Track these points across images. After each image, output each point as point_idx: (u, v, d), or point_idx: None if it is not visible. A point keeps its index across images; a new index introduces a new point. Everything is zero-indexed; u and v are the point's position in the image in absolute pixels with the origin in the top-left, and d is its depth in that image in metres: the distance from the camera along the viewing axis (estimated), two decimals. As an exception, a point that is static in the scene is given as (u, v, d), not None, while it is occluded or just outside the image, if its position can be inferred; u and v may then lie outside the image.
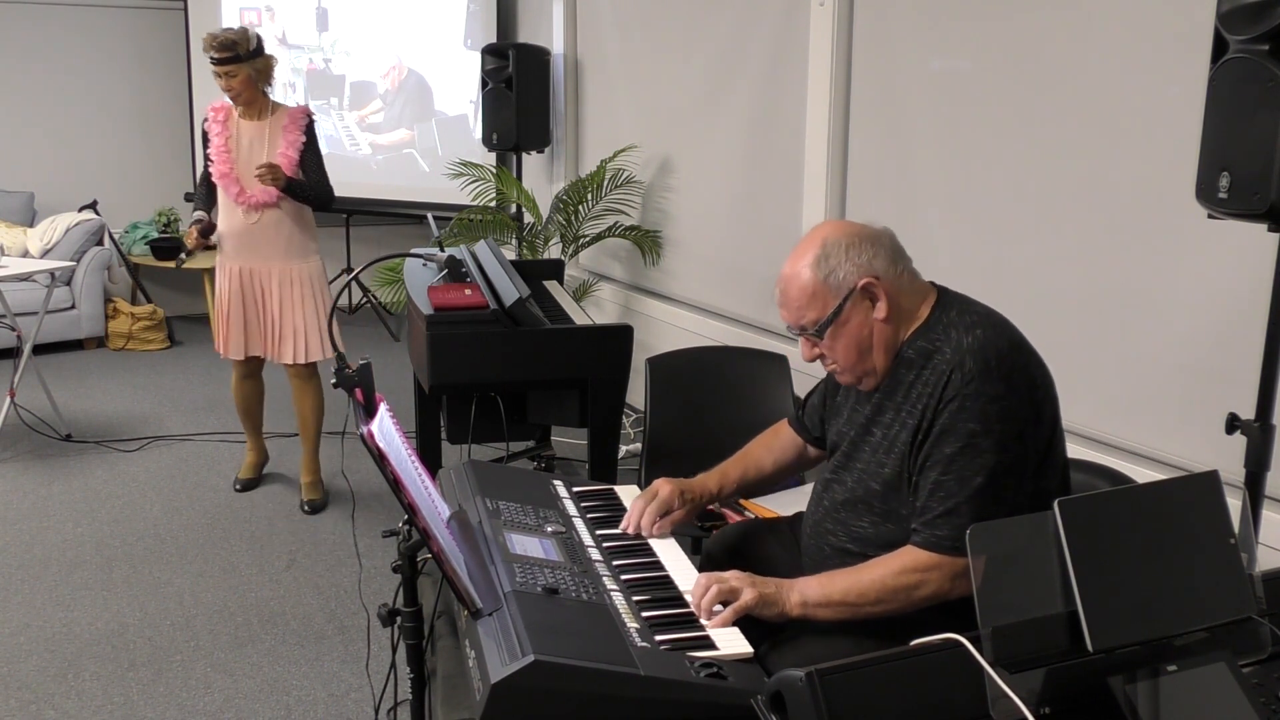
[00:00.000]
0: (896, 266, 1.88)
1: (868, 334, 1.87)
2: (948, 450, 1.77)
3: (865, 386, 1.95)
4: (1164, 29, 2.82)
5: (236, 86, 3.90)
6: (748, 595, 1.78)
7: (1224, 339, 2.71)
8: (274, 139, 3.98)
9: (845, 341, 1.88)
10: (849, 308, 1.86)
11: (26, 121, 6.95)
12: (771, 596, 1.80)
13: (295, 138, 3.98)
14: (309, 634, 3.32)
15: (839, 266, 1.85)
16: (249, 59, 3.89)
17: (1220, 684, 1.28)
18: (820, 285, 1.85)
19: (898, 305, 1.87)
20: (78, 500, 4.31)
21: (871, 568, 1.82)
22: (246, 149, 3.97)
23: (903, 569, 1.78)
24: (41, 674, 3.08)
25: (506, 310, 3.12)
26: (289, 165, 3.94)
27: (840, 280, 1.85)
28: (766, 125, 4.39)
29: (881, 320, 1.86)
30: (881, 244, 1.87)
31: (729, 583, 1.80)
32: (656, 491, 2.12)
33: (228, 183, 3.96)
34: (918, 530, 1.80)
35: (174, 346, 6.74)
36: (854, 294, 1.85)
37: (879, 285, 1.85)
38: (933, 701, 1.28)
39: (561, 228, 5.39)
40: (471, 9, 6.63)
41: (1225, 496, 1.38)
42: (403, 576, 1.93)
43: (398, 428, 1.91)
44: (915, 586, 1.78)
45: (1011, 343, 1.82)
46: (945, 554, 1.76)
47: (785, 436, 2.26)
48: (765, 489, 2.28)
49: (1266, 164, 1.90)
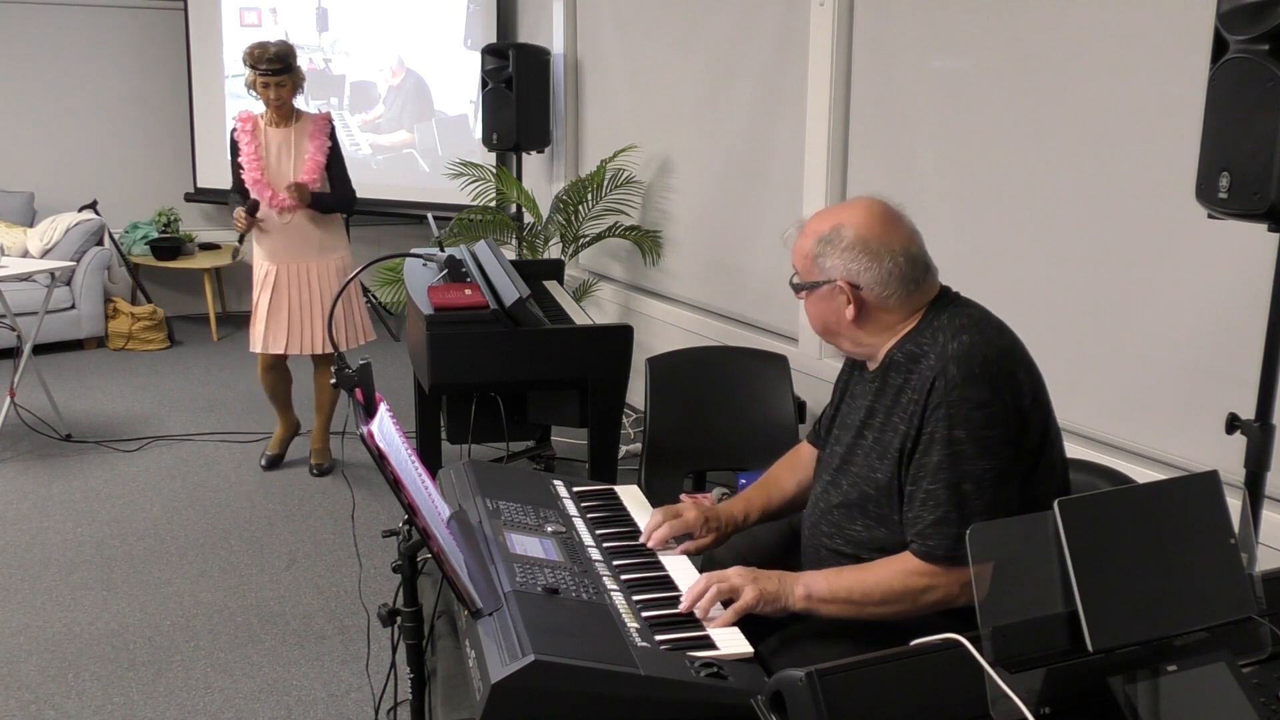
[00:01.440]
0: (885, 289, 1.85)
1: (835, 320, 1.91)
2: (935, 459, 1.77)
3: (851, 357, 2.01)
4: (1164, 29, 2.82)
5: (286, 96, 4.20)
6: (749, 594, 1.77)
7: (1224, 339, 2.71)
8: (300, 145, 4.27)
9: (814, 311, 1.95)
10: (825, 290, 1.89)
11: (26, 121, 6.95)
12: (773, 593, 1.79)
13: (322, 143, 4.27)
14: (309, 634, 3.32)
15: (830, 255, 1.87)
16: (296, 71, 4.22)
17: (1220, 684, 1.28)
18: (810, 257, 1.89)
19: (871, 316, 1.88)
20: (78, 500, 4.31)
21: (878, 568, 1.81)
22: (275, 155, 4.25)
23: (908, 573, 1.78)
24: (41, 674, 3.08)
25: (506, 310, 3.12)
26: (317, 170, 4.24)
27: (825, 266, 1.88)
28: (766, 125, 4.39)
29: (849, 320, 1.88)
30: (881, 262, 1.84)
31: (730, 581, 1.79)
32: (680, 512, 2.09)
33: (260, 188, 4.21)
34: (913, 540, 1.80)
35: (174, 346, 6.74)
36: (831, 284, 1.88)
37: (852, 293, 1.86)
38: (933, 701, 1.28)
39: (561, 228, 5.39)
40: (471, 9, 6.63)
41: (1225, 496, 1.38)
42: (403, 576, 1.93)
43: (398, 428, 1.91)
44: (921, 591, 1.77)
45: (1000, 349, 1.80)
46: (941, 564, 1.75)
47: (805, 455, 2.23)
48: (790, 510, 2.21)
49: (1266, 164, 1.90)
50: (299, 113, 4.33)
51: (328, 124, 4.33)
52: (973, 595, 1.74)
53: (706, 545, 2.10)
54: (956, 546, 1.73)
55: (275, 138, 4.26)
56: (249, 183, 4.23)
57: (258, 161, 4.22)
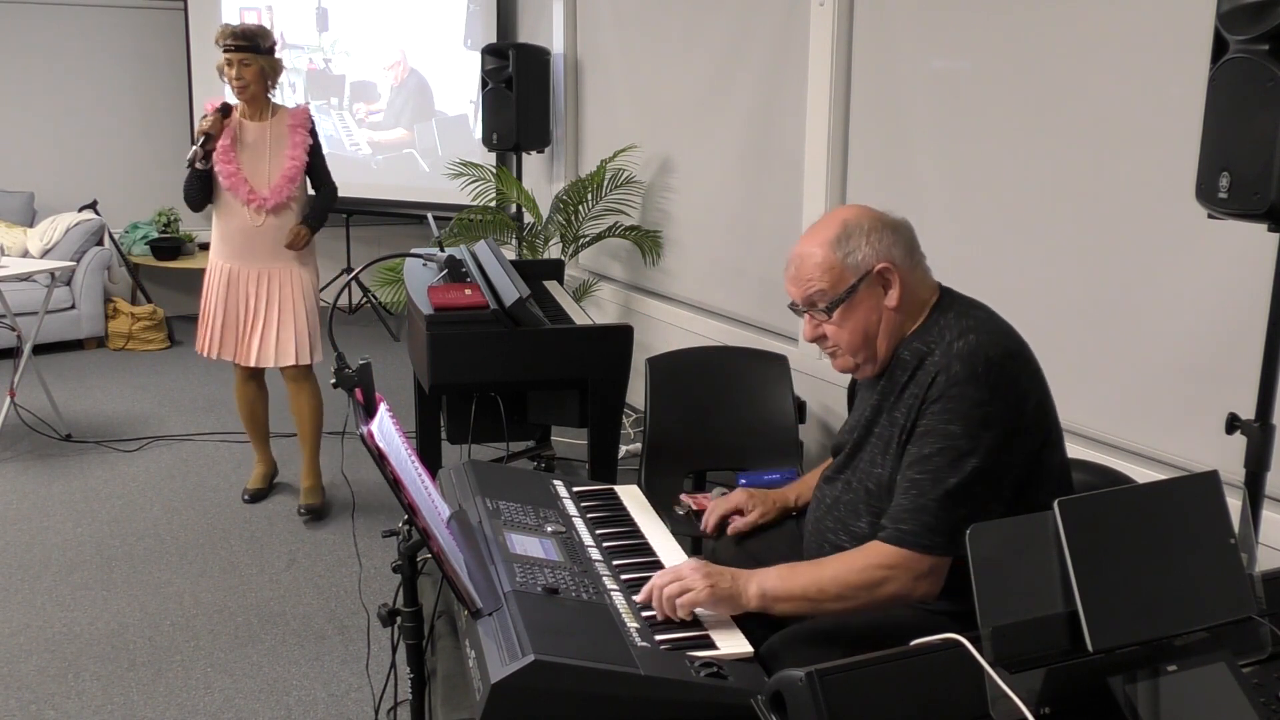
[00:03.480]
0: (913, 258, 1.89)
1: (875, 320, 1.87)
2: (926, 450, 1.77)
3: (861, 375, 1.96)
4: (1164, 29, 2.82)
5: (248, 77, 3.88)
6: (701, 590, 1.75)
7: (1224, 339, 2.71)
8: (278, 140, 3.99)
9: (853, 324, 1.88)
10: (863, 289, 1.86)
11: (26, 121, 6.95)
12: (726, 590, 1.77)
13: (302, 139, 4.00)
14: (309, 634, 3.32)
15: (858, 248, 1.85)
16: (265, 54, 3.92)
17: (1220, 684, 1.28)
18: (837, 263, 1.86)
19: (909, 296, 1.88)
20: (78, 500, 4.31)
21: (834, 562, 1.81)
22: (251, 148, 3.96)
23: (865, 565, 1.77)
24: (41, 674, 3.08)
25: (506, 310, 3.12)
26: (298, 173, 3.99)
27: (858, 261, 1.85)
28: (766, 125, 4.39)
29: (892, 308, 1.87)
30: (901, 233, 1.88)
31: (684, 578, 1.77)
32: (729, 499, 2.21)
33: (236, 183, 3.92)
34: (884, 525, 1.79)
35: (174, 346, 6.74)
36: (869, 276, 1.85)
37: (894, 272, 1.85)
38: (933, 701, 1.28)
39: (561, 228, 5.39)
40: (471, 9, 6.63)
41: (1225, 496, 1.38)
42: (403, 576, 1.93)
43: (398, 428, 1.91)
44: (878, 583, 1.76)
45: (1005, 351, 1.80)
46: (908, 549, 1.75)
47: None
48: None
49: (1266, 164, 1.90)
50: (276, 106, 4.03)
51: (307, 118, 4.04)
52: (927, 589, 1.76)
53: (754, 520, 2.19)
54: (929, 536, 1.73)
55: (251, 130, 3.96)
56: (223, 176, 3.89)
57: (232, 154, 3.91)
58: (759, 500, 2.21)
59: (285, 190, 3.96)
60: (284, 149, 3.98)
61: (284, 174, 3.96)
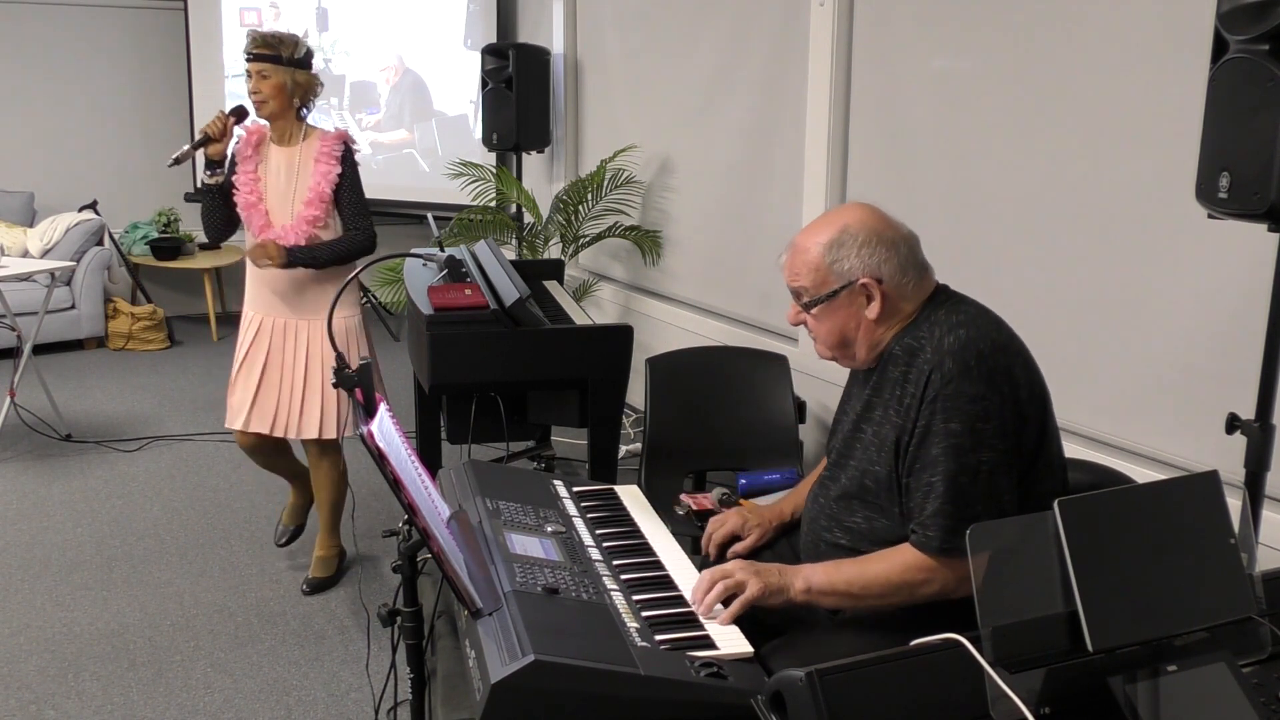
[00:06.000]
0: (904, 275, 1.88)
1: (854, 326, 1.90)
2: (933, 452, 1.78)
3: (844, 364, 1.98)
4: (1164, 29, 2.82)
5: (265, 91, 3.30)
6: (753, 587, 1.79)
7: (1224, 339, 2.71)
8: (303, 169, 3.37)
9: (830, 325, 1.92)
10: (844, 296, 1.88)
11: (26, 121, 6.95)
12: (776, 585, 1.81)
13: (328, 169, 3.34)
14: (309, 634, 3.32)
15: (847, 258, 1.87)
16: (289, 65, 3.31)
17: (1220, 684, 1.28)
18: (824, 266, 1.88)
19: (891, 309, 1.89)
20: (78, 500, 4.31)
21: (877, 560, 1.83)
22: (274, 177, 3.38)
23: (906, 567, 1.80)
24: (41, 674, 3.08)
25: (506, 310, 3.12)
26: (318, 203, 3.33)
27: (844, 270, 1.87)
28: (766, 125, 4.39)
29: (871, 320, 1.89)
30: (897, 251, 1.88)
31: (734, 575, 1.81)
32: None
33: (253, 214, 3.36)
34: (914, 531, 1.81)
35: (174, 346, 6.74)
36: (852, 286, 1.87)
37: (878, 288, 1.86)
38: (933, 701, 1.28)
39: (561, 228, 5.39)
40: (471, 9, 6.63)
41: (1225, 496, 1.38)
42: (403, 576, 1.93)
43: (398, 428, 1.91)
44: (921, 584, 1.79)
45: (995, 344, 1.82)
46: (937, 556, 1.77)
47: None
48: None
49: (1266, 164, 1.90)
50: (309, 129, 3.40)
51: (339, 144, 3.38)
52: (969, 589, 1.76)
53: (755, 543, 2.17)
54: (952, 539, 1.74)
55: (277, 157, 3.38)
56: (241, 205, 3.36)
57: (255, 182, 3.36)
58: (755, 519, 2.20)
59: (302, 231, 3.33)
60: (306, 180, 3.36)
61: (300, 213, 3.35)
